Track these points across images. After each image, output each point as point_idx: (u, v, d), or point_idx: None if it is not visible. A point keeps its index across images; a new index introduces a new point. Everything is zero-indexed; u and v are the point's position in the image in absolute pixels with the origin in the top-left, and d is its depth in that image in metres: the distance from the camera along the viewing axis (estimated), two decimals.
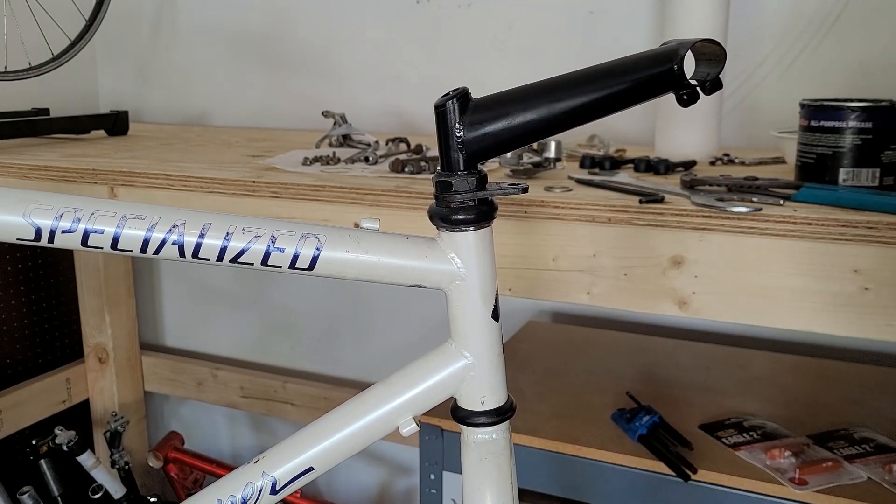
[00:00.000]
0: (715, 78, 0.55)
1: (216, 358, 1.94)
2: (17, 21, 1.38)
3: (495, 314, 0.60)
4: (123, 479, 1.67)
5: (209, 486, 0.65)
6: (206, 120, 1.81)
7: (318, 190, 0.92)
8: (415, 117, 1.57)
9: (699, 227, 0.75)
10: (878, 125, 0.78)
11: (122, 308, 1.86)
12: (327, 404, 1.57)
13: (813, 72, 1.27)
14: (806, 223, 0.71)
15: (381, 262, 0.59)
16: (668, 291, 0.77)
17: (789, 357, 1.36)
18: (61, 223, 0.57)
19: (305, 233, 0.59)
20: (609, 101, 0.55)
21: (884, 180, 0.79)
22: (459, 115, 0.56)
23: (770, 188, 0.80)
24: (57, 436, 1.55)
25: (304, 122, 1.66)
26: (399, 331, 1.71)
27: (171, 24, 1.81)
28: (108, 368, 1.86)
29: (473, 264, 0.58)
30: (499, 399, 0.61)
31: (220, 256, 0.58)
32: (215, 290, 1.93)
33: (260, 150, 1.25)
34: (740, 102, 1.32)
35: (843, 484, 0.93)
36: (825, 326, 0.73)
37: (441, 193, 0.57)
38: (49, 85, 1.50)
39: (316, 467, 0.62)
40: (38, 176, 1.11)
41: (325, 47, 1.64)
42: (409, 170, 0.99)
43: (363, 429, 0.61)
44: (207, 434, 2.04)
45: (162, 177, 1.02)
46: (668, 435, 1.04)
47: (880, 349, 1.34)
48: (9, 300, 1.72)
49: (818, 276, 0.72)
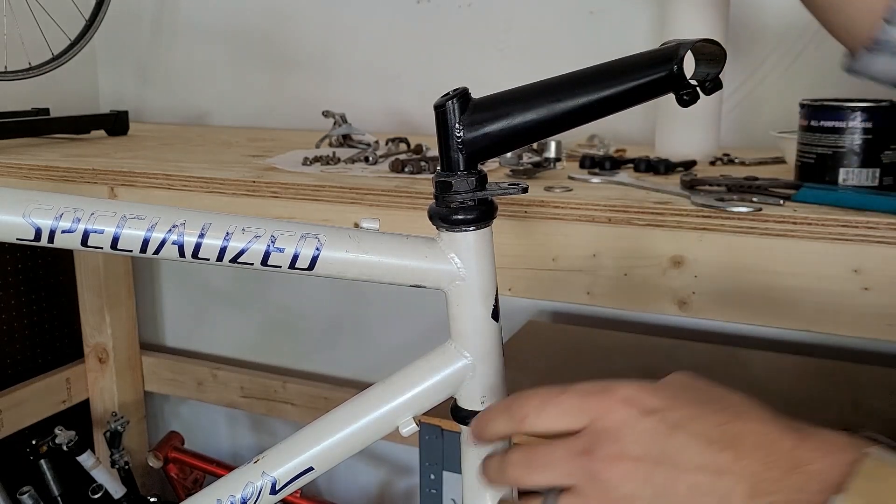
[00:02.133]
0: (715, 78, 0.55)
1: (216, 358, 1.94)
2: (17, 21, 1.38)
3: (495, 314, 0.60)
4: (123, 479, 1.67)
5: (209, 486, 0.65)
6: (206, 120, 1.81)
7: (318, 190, 0.92)
8: (415, 117, 1.57)
9: (699, 227, 0.75)
10: (878, 125, 0.78)
11: (122, 308, 1.86)
12: (327, 404, 1.57)
13: (813, 72, 1.27)
14: (806, 223, 0.71)
15: (381, 262, 0.59)
16: (668, 291, 0.77)
17: (789, 357, 1.35)
18: (61, 223, 0.57)
19: (305, 233, 0.59)
20: (609, 101, 0.55)
21: (884, 180, 0.79)
22: (459, 115, 0.56)
23: (770, 188, 0.80)
24: (57, 436, 1.55)
25: (304, 122, 1.66)
26: (399, 331, 1.71)
27: (171, 25, 1.81)
28: (108, 368, 1.86)
29: (473, 264, 0.58)
30: (499, 399, 0.61)
31: (220, 256, 0.58)
32: (215, 290, 1.93)
33: (260, 150, 1.25)
34: (740, 102, 1.32)
35: None
36: (825, 326, 0.73)
37: (441, 193, 0.57)
38: (49, 85, 1.50)
39: (316, 467, 0.62)
40: (38, 176, 1.11)
41: (325, 47, 1.64)
42: (409, 170, 0.99)
43: (363, 429, 0.61)
44: (207, 434, 2.04)
45: (162, 177, 1.02)
46: None
47: (880, 349, 1.34)
48: (9, 300, 1.72)
49: (818, 276, 0.72)
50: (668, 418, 0.44)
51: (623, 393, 0.45)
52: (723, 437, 0.43)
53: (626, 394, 0.45)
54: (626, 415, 0.44)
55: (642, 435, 0.44)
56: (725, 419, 0.44)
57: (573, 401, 0.46)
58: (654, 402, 0.45)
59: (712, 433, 0.43)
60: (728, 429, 0.43)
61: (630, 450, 0.44)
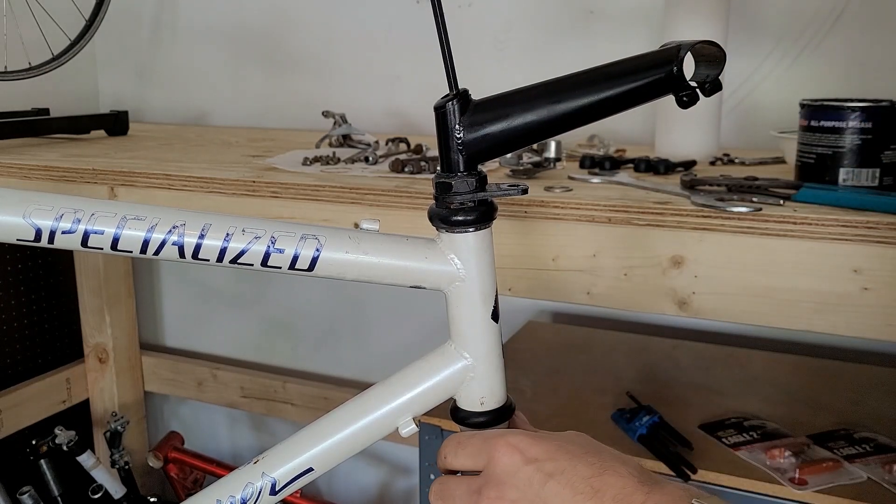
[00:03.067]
0: (714, 79, 0.55)
1: (216, 358, 1.94)
2: (17, 21, 1.38)
3: (495, 315, 0.60)
4: (123, 479, 1.67)
5: (209, 487, 0.65)
6: (206, 120, 1.81)
7: (318, 190, 0.92)
8: (415, 117, 1.57)
9: (699, 227, 0.75)
10: (878, 125, 0.78)
11: (122, 308, 1.86)
12: (327, 404, 1.57)
13: (813, 72, 1.27)
14: (806, 223, 0.71)
15: (381, 263, 0.59)
16: (668, 291, 0.77)
17: (789, 357, 1.36)
18: (61, 224, 0.57)
19: (305, 234, 0.58)
20: (609, 102, 0.55)
21: (884, 180, 0.79)
22: (459, 116, 0.56)
23: (770, 188, 0.80)
24: (57, 436, 1.55)
25: (304, 122, 1.66)
26: (400, 330, 1.71)
27: (171, 25, 1.81)
28: (108, 368, 1.86)
29: (473, 265, 0.58)
30: (498, 400, 0.61)
31: (220, 257, 0.58)
32: (215, 290, 1.93)
33: (260, 150, 1.25)
34: (740, 102, 1.32)
35: (843, 484, 0.93)
36: (825, 326, 0.73)
37: (441, 194, 0.57)
38: (49, 85, 1.50)
39: (315, 468, 0.62)
40: (38, 176, 1.11)
41: (325, 47, 1.64)
42: (409, 170, 0.99)
43: (362, 429, 0.61)
44: (207, 434, 2.04)
45: (162, 177, 1.02)
46: (668, 435, 1.04)
47: (880, 349, 1.34)
48: (9, 300, 1.72)
49: (818, 276, 0.72)
50: (545, 468, 0.52)
51: (513, 440, 0.54)
52: (588, 488, 0.51)
53: (515, 441, 0.54)
54: (511, 462, 0.53)
55: (521, 481, 0.52)
56: (592, 473, 0.52)
57: (476, 445, 0.56)
58: (536, 452, 0.53)
59: (579, 485, 0.51)
60: (593, 482, 0.51)
61: (508, 494, 0.53)
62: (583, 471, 0.52)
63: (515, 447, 0.53)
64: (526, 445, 0.53)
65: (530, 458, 0.53)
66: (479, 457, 0.55)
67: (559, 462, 0.52)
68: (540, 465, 0.52)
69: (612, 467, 0.52)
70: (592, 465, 0.52)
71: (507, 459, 0.53)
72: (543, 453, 0.53)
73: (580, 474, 0.51)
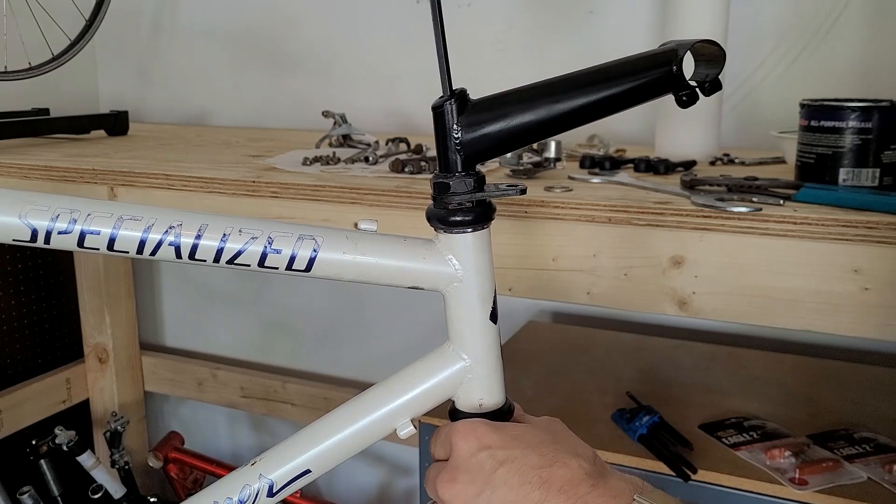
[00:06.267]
0: (714, 79, 0.55)
1: (216, 358, 1.94)
2: (17, 21, 1.38)
3: (493, 316, 0.59)
4: (123, 479, 1.67)
5: (206, 489, 0.65)
6: (206, 120, 1.81)
7: (317, 190, 0.92)
8: (415, 117, 1.56)
9: (699, 227, 0.75)
10: (878, 125, 0.78)
11: (122, 308, 1.86)
12: (327, 404, 1.57)
13: (813, 72, 1.27)
14: (806, 223, 0.71)
15: (379, 263, 0.59)
16: (668, 291, 0.77)
17: (789, 357, 1.35)
18: (57, 224, 0.57)
19: (303, 234, 0.58)
20: (608, 102, 0.54)
21: (884, 180, 0.79)
22: (457, 116, 0.55)
23: (770, 188, 0.80)
24: (57, 436, 1.55)
25: (304, 122, 1.66)
26: (399, 330, 1.71)
27: (171, 25, 1.81)
28: (108, 368, 1.86)
29: (471, 266, 0.58)
30: (497, 401, 0.61)
31: (217, 258, 0.58)
32: (215, 290, 1.93)
33: (260, 150, 1.25)
34: (740, 102, 1.32)
35: (843, 484, 0.93)
36: (825, 326, 0.73)
37: (439, 195, 0.57)
38: (49, 85, 1.49)
39: (313, 469, 0.61)
40: (37, 176, 1.11)
41: (325, 47, 1.64)
42: (409, 170, 0.99)
43: (360, 431, 0.61)
44: (207, 434, 2.04)
45: (162, 177, 1.02)
46: (668, 435, 1.04)
47: (880, 349, 1.34)
48: (9, 300, 1.72)
49: (818, 276, 0.72)
50: (497, 455, 0.54)
51: (472, 427, 0.56)
52: (537, 478, 0.53)
53: (473, 428, 0.56)
54: (466, 447, 0.55)
55: (473, 465, 0.55)
56: (542, 464, 0.53)
57: (444, 434, 0.58)
58: (491, 440, 0.55)
59: (529, 474, 0.53)
60: (542, 472, 0.53)
61: (461, 477, 0.55)
62: (534, 460, 0.54)
63: (473, 433, 0.56)
64: (483, 433, 0.56)
65: (484, 444, 0.55)
66: (446, 444, 0.57)
67: (512, 451, 0.54)
68: (492, 452, 0.54)
69: (563, 459, 0.54)
70: (544, 455, 0.54)
71: (463, 445, 0.55)
72: (498, 441, 0.55)
73: (531, 464, 0.53)
